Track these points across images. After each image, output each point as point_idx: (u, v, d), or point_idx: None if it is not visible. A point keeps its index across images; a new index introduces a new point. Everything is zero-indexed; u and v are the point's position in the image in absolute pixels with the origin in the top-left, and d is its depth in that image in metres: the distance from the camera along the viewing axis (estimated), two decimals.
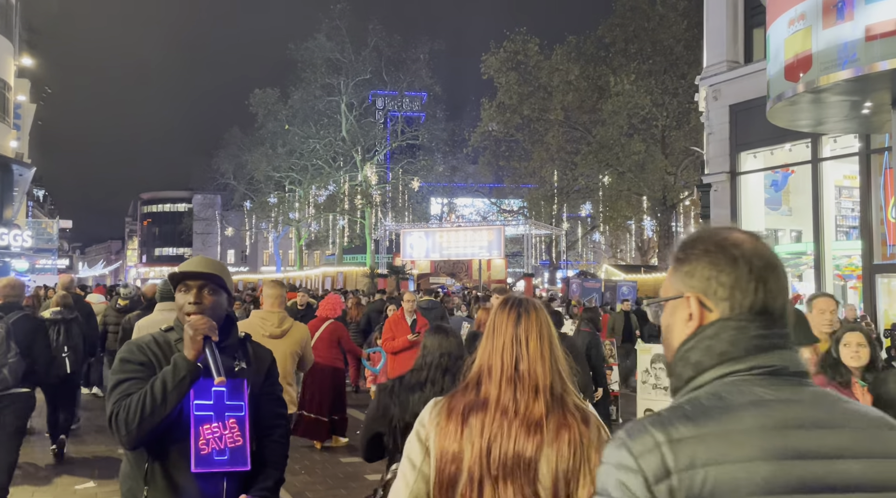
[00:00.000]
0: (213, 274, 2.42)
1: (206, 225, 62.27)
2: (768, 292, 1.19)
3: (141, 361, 2.33)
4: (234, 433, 2.34)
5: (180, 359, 2.25)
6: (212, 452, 2.29)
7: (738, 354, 1.15)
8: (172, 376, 2.22)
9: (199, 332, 2.26)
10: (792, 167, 18.91)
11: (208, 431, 2.30)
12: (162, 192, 79.13)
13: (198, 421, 2.29)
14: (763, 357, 1.15)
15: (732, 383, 1.13)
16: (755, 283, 1.18)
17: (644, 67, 31.82)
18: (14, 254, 25.70)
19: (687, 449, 1.06)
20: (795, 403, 1.12)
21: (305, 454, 7.49)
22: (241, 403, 2.37)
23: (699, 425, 1.07)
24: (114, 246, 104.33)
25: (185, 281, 2.41)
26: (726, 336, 1.16)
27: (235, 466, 2.33)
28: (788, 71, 11.54)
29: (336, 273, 36.63)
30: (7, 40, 25.84)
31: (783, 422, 1.09)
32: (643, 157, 30.98)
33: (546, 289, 34.38)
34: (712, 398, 1.11)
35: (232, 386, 2.35)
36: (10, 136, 25.90)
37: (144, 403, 2.18)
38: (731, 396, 1.11)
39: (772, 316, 1.18)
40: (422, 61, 41.12)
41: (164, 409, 2.19)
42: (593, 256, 54.28)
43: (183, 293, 2.40)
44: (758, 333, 1.16)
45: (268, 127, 43.20)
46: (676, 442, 1.06)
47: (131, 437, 2.20)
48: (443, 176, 43.80)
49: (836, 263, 17.93)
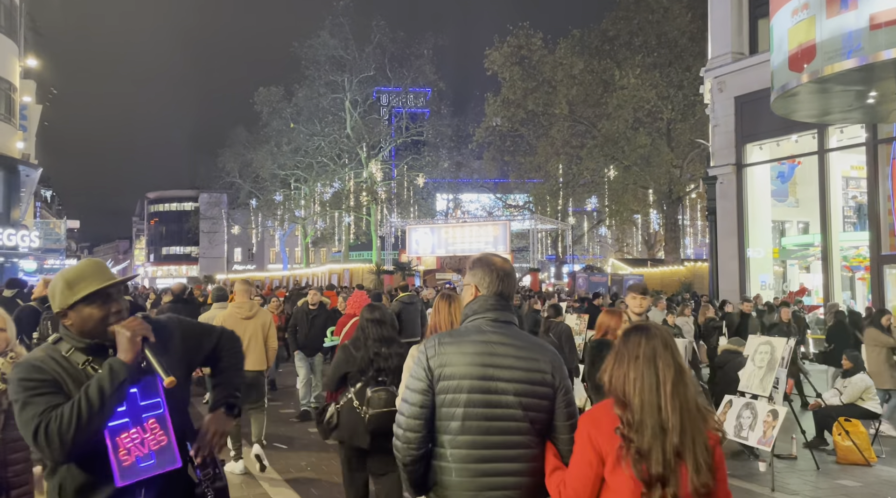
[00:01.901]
0: (125, 278, 2.43)
1: (213, 223, 62.39)
2: (504, 286, 2.60)
3: (43, 378, 2.17)
4: (156, 434, 2.22)
5: (117, 363, 2.14)
6: (135, 460, 2.16)
7: (483, 310, 2.56)
8: (110, 381, 2.10)
9: (136, 334, 2.19)
10: (798, 158, 18.79)
11: (127, 440, 2.17)
12: (168, 192, 79.42)
13: (112, 432, 2.16)
14: (492, 313, 2.55)
15: (476, 323, 2.55)
16: (498, 280, 2.59)
17: (649, 60, 31.65)
18: (22, 254, 25.84)
19: (443, 348, 2.47)
20: (499, 334, 2.51)
21: (312, 451, 7.51)
22: (157, 399, 2.25)
23: (453, 338, 2.52)
24: (121, 245, 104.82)
25: (105, 291, 2.29)
26: (481, 302, 2.58)
27: (165, 467, 2.21)
28: (792, 61, 11.45)
29: (342, 270, 36.68)
30: (12, 41, 25.94)
31: (488, 341, 2.48)
32: (649, 150, 30.85)
33: (552, 283, 34.34)
34: (467, 329, 2.55)
35: (144, 385, 2.24)
36: (16, 137, 26.01)
37: (80, 411, 2.06)
38: (472, 329, 2.54)
39: (504, 296, 2.59)
40: (425, 57, 41.03)
41: (103, 416, 2.09)
42: (599, 251, 54.16)
43: (100, 304, 2.26)
44: (494, 303, 2.57)
45: (272, 125, 43.22)
46: (440, 345, 2.49)
47: (65, 448, 2.06)
48: (448, 172, 43.74)
49: (843, 255, 17.82)
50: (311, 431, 8.03)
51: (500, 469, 2.39)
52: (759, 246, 18.93)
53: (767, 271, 19.36)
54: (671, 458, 2.13)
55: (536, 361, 2.48)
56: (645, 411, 2.17)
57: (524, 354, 2.47)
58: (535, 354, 2.50)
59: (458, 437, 2.39)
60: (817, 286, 18.47)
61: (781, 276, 21.38)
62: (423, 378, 2.44)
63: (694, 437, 2.16)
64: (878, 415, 8.09)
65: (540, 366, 2.47)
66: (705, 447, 2.17)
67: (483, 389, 2.40)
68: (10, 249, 24.34)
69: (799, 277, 21.19)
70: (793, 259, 21.37)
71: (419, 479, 2.48)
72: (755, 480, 6.78)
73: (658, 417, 2.16)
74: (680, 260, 33.52)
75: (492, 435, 2.39)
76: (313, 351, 9.49)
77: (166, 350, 2.34)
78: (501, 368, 2.43)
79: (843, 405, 8.05)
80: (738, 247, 18.75)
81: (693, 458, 2.14)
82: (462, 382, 2.40)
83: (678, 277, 29.20)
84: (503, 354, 2.45)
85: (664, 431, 2.15)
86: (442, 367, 2.43)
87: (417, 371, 2.47)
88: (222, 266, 67.67)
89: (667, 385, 2.19)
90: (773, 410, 6.79)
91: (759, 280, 18.75)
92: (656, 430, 2.15)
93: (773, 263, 20.09)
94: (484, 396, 2.40)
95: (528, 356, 2.48)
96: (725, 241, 19.08)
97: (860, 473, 7.09)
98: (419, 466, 2.46)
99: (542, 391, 2.45)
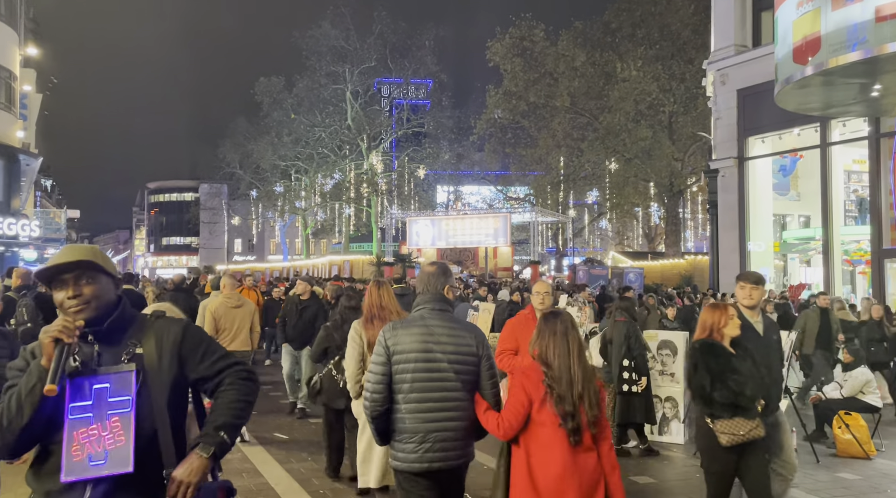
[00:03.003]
0: (85, 260, 2.21)
1: (213, 214, 62.35)
2: (439, 285, 3.50)
3: (20, 367, 2.19)
4: (115, 434, 2.13)
5: (35, 366, 2.11)
6: (86, 457, 2.10)
7: (425, 302, 3.49)
8: (25, 384, 2.09)
9: (47, 334, 2.10)
10: (800, 152, 18.76)
11: (84, 435, 2.11)
12: (169, 182, 79.28)
13: (72, 426, 2.11)
14: (431, 304, 3.47)
15: (420, 311, 3.48)
16: (435, 282, 3.51)
17: (651, 53, 31.54)
18: (22, 243, 25.81)
19: (396, 332, 3.39)
20: (437, 319, 3.43)
21: (312, 442, 7.52)
22: (126, 397, 2.15)
23: (403, 325, 3.44)
24: (122, 235, 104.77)
25: (59, 276, 2.18)
26: (424, 296, 3.51)
27: (115, 470, 2.10)
28: (797, 54, 11.40)
29: (342, 262, 36.68)
30: (12, 30, 25.82)
31: (428, 325, 3.40)
32: (650, 143, 30.79)
33: (552, 276, 34.33)
34: (413, 317, 3.48)
35: (118, 380, 2.16)
36: (16, 126, 25.94)
37: (4, 411, 2.07)
38: (417, 317, 3.46)
39: (438, 292, 3.50)
40: (427, 48, 40.89)
41: (21, 419, 2.06)
42: (600, 243, 54.12)
43: (59, 289, 2.18)
44: (431, 297, 3.49)
45: (273, 116, 43.12)
46: (394, 330, 3.40)
47: (3, 442, 2.09)
48: (449, 164, 43.67)
49: (844, 249, 17.80)
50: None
51: (440, 417, 3.30)
52: (760, 239, 18.91)
53: (768, 265, 19.35)
54: (577, 400, 3.20)
55: (464, 337, 3.41)
56: (561, 370, 3.25)
57: (455, 333, 3.41)
58: (463, 332, 3.45)
59: (409, 394, 3.31)
60: (817, 280, 18.47)
61: (782, 269, 21.37)
62: (383, 354, 3.36)
63: (589, 386, 3.25)
64: (878, 408, 8.10)
65: (467, 341, 3.40)
66: (596, 392, 3.26)
67: (425, 359, 3.33)
68: (11, 238, 24.32)
69: (800, 270, 21.19)
70: (793, 253, 21.36)
71: (383, 430, 3.38)
72: None
73: (569, 374, 3.24)
74: (680, 253, 33.52)
75: (433, 392, 3.31)
76: (301, 344, 8.93)
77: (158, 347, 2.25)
78: (438, 344, 3.36)
79: (843, 399, 8.06)
80: (738, 240, 18.73)
81: (588, 399, 3.23)
82: (409, 355, 3.34)
83: (678, 270, 29.22)
84: (439, 334, 3.39)
85: (572, 382, 3.23)
86: (396, 345, 3.35)
87: (379, 349, 3.38)
88: (222, 257, 67.68)
89: (574, 352, 3.28)
90: None
91: None
92: (568, 382, 3.23)
93: (773, 256, 20.08)
94: (426, 364, 3.32)
95: (457, 334, 3.41)
96: (726, 234, 19.07)
97: (860, 467, 7.10)
98: (382, 420, 3.35)
99: (469, 360, 3.38)
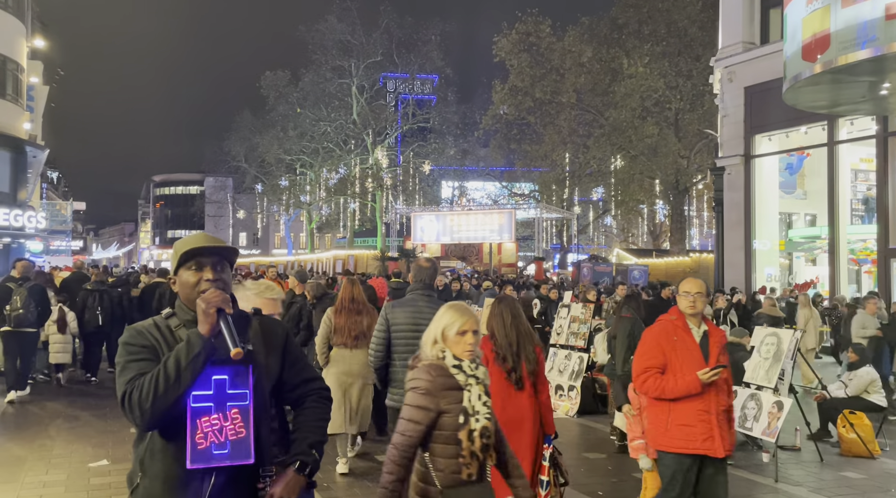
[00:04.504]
0: (228, 248, 2.37)
1: (218, 207, 62.53)
2: (427, 276, 5.30)
3: (143, 344, 2.25)
4: (236, 425, 2.20)
5: (194, 335, 2.17)
6: (210, 446, 2.17)
7: (416, 289, 5.27)
8: (186, 353, 2.13)
9: (211, 305, 2.18)
10: (807, 150, 18.67)
11: (206, 424, 2.18)
12: (174, 175, 79.49)
13: (195, 414, 2.18)
14: (421, 290, 5.24)
15: (412, 296, 5.25)
16: (423, 274, 5.31)
17: (658, 49, 31.41)
18: (28, 235, 25.91)
19: (393, 309, 5.15)
20: (423, 300, 5.17)
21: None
22: (245, 391, 2.24)
23: (399, 305, 5.21)
24: (127, 228, 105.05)
25: (198, 258, 2.31)
26: (416, 285, 5.30)
27: (237, 460, 2.19)
28: (806, 51, 11.34)
29: (347, 256, 36.70)
30: (19, 22, 25.85)
31: (417, 304, 5.13)
32: (656, 140, 30.69)
33: (557, 273, 34.30)
34: (406, 299, 5.27)
35: (235, 373, 2.24)
36: (23, 117, 26.00)
37: (157, 381, 2.10)
38: (409, 299, 5.22)
39: (425, 282, 5.28)
40: (433, 43, 40.81)
41: (179, 387, 2.12)
42: (605, 240, 54.04)
43: (194, 270, 2.30)
44: (420, 285, 5.27)
45: (279, 110, 43.13)
46: (392, 308, 5.17)
47: (145, 418, 2.12)
48: (454, 159, 43.62)
49: (850, 248, 17.74)
50: None
51: None
52: (766, 238, 18.86)
53: (773, 263, 19.30)
54: (516, 358, 4.32)
55: None
56: (502, 337, 4.38)
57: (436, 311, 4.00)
58: None
59: (402, 354, 4.78)
60: (823, 279, 18.41)
61: (787, 268, 21.31)
62: (384, 324, 5.05)
63: (526, 346, 4.37)
64: (882, 408, 8.08)
65: None
66: (534, 351, 4.40)
67: (413, 329, 4.76)
68: (17, 229, 24.39)
69: (805, 269, 21.12)
70: (799, 251, 21.29)
71: (383, 377, 5.08)
72: (759, 471, 6.78)
73: (507, 340, 4.36)
74: (685, 251, 33.44)
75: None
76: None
77: (265, 345, 2.36)
78: (423, 318, 4.61)
79: (847, 398, 8.04)
80: (744, 238, 18.68)
81: (526, 356, 4.35)
82: (402, 326, 4.97)
83: (683, 267, 29.14)
84: (425, 312, 4.78)
85: (511, 345, 4.35)
86: (393, 319, 5.03)
87: (381, 321, 5.08)
88: None
89: (508, 323, 4.39)
90: (779, 401, 6.79)
91: (764, 272, 18.70)
92: (508, 346, 4.35)
93: (779, 255, 20.02)
94: (414, 333, 4.58)
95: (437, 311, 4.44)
96: (732, 232, 19.01)
97: (864, 466, 7.09)
98: (382, 370, 5.05)
99: None
